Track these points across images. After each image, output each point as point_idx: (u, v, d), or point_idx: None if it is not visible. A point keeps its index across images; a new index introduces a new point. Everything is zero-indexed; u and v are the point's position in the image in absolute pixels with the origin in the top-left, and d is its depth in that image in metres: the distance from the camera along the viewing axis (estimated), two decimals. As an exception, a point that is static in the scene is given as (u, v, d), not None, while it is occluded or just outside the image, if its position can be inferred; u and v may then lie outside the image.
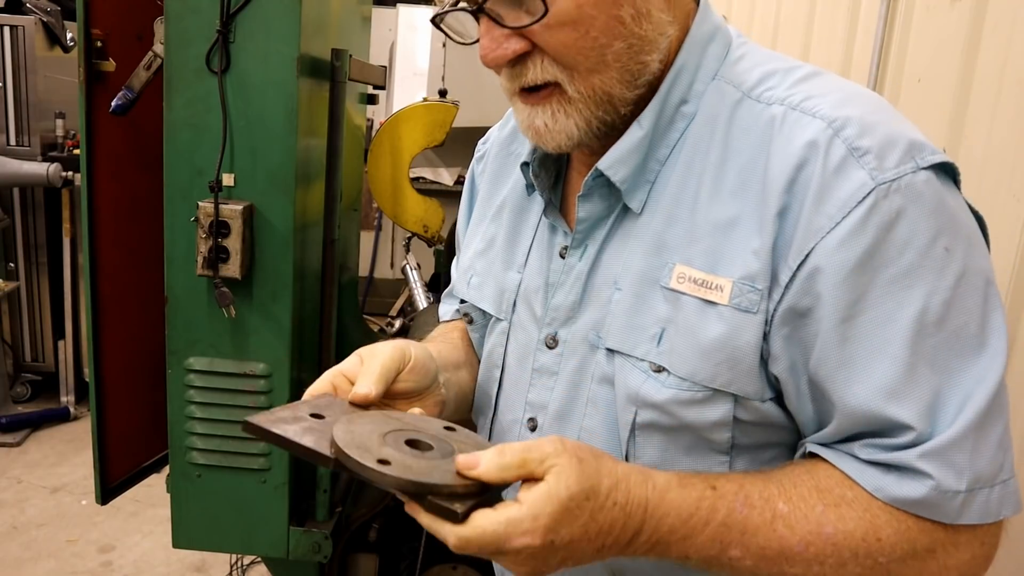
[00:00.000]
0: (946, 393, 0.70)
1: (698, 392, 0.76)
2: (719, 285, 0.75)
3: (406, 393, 0.87)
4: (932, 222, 0.70)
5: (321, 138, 1.74)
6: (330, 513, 1.86)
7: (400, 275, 2.96)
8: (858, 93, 0.77)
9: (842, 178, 0.70)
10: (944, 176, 0.73)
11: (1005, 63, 1.55)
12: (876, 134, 0.71)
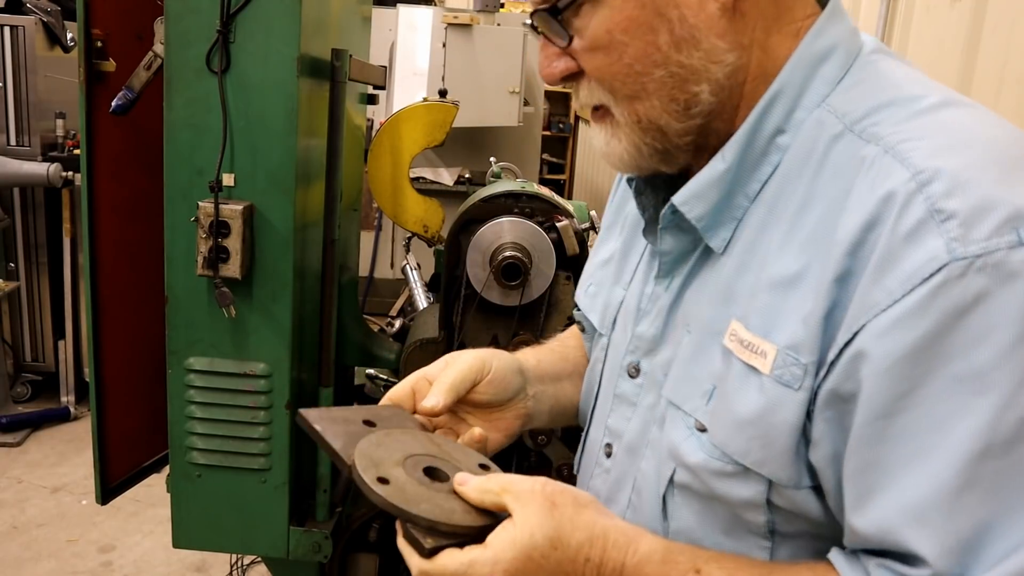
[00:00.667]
0: (996, 532, 0.57)
1: (728, 465, 0.69)
2: (764, 351, 0.66)
3: (484, 404, 0.87)
4: (1020, 313, 0.56)
5: (321, 138, 1.74)
6: (330, 513, 1.86)
7: (400, 275, 2.96)
8: (980, 138, 0.63)
9: (913, 246, 0.58)
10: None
11: (1005, 63, 1.55)
12: (970, 194, 0.58)
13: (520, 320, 1.74)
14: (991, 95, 1.58)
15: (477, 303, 1.73)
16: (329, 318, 1.79)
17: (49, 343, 4.03)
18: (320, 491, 1.84)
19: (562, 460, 1.80)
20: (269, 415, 1.70)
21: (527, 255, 1.68)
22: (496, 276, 1.68)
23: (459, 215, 1.76)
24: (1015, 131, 0.65)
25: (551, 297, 1.75)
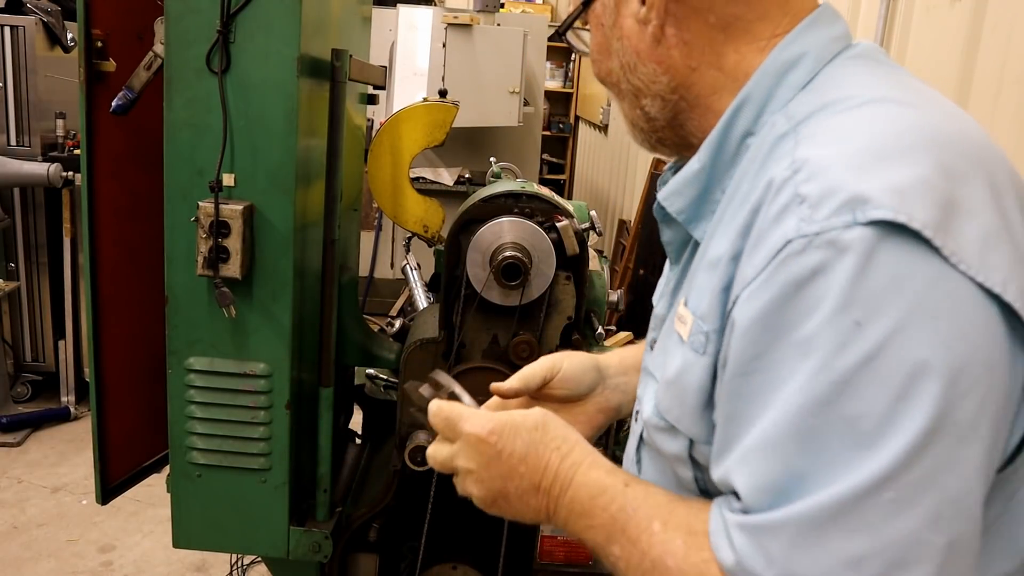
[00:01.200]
0: (807, 481, 0.61)
1: (660, 421, 0.80)
2: (686, 321, 0.76)
3: (562, 399, 1.04)
4: (848, 288, 0.60)
5: (321, 138, 1.74)
6: (330, 513, 1.86)
7: (400, 275, 2.96)
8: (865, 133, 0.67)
9: (776, 225, 0.65)
10: (904, 239, 0.60)
11: (1005, 63, 1.55)
12: (823, 180, 0.64)
13: (520, 320, 1.74)
14: (991, 95, 1.58)
15: (477, 303, 1.73)
16: (329, 318, 1.79)
17: (49, 343, 4.03)
18: (320, 491, 1.84)
19: (562, 460, 1.80)
20: (269, 415, 1.70)
21: (527, 255, 1.68)
22: (496, 276, 1.68)
23: (459, 215, 1.76)
24: (911, 130, 0.68)
25: (551, 297, 1.75)
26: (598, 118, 6.21)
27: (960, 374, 0.60)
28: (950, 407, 0.60)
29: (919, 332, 0.60)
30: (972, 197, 0.64)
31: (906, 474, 0.59)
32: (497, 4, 4.85)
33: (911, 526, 0.59)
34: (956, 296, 0.61)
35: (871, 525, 0.59)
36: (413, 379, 0.96)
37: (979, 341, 0.61)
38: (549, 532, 1.90)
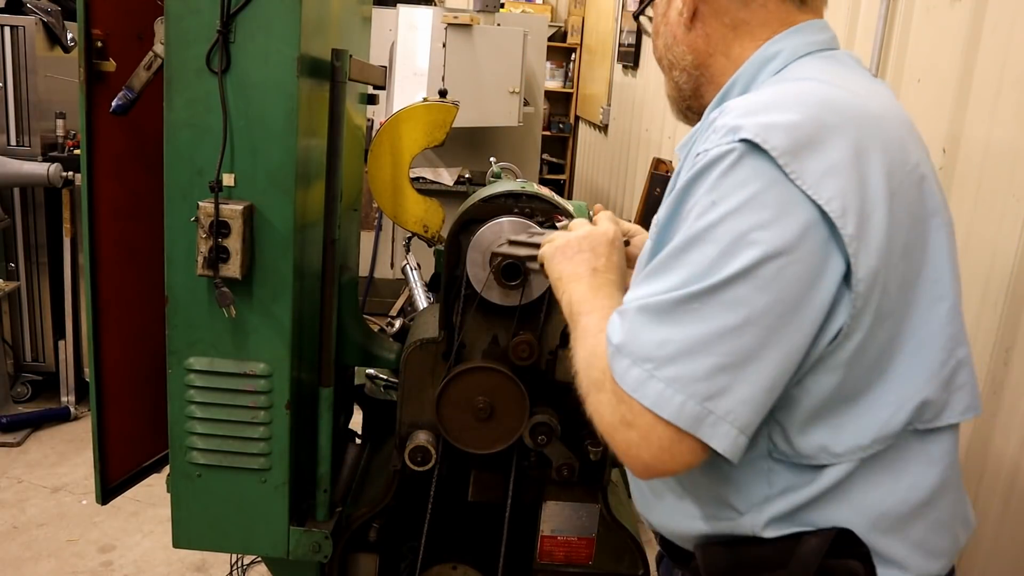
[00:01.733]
0: (652, 289, 0.90)
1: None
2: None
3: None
4: (715, 181, 0.89)
5: (321, 138, 1.74)
6: (330, 513, 1.86)
7: (400, 275, 2.96)
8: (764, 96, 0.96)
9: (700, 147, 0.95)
10: (760, 156, 0.87)
11: (1005, 63, 1.55)
12: (726, 118, 0.92)
13: (520, 320, 1.74)
14: (991, 95, 1.58)
15: (477, 303, 1.73)
16: (329, 318, 1.79)
17: (49, 343, 4.03)
18: (320, 491, 1.84)
19: (562, 460, 1.80)
20: (269, 415, 1.70)
21: (527, 255, 1.68)
22: (496, 276, 1.68)
23: (459, 215, 1.76)
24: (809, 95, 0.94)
25: (551, 297, 1.75)
26: (598, 118, 6.21)
27: (770, 248, 0.85)
28: (761, 268, 0.85)
29: (749, 215, 0.86)
30: (830, 143, 0.88)
31: (709, 298, 0.86)
32: (497, 4, 4.85)
33: (706, 331, 0.86)
34: (785, 199, 0.86)
35: (678, 323, 0.87)
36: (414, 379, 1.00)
37: (795, 231, 0.86)
38: (549, 532, 1.90)
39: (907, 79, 1.88)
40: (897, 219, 0.90)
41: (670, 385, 0.86)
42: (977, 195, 1.60)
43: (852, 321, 0.89)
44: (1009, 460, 1.50)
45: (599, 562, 1.93)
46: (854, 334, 0.90)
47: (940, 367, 0.95)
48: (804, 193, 0.86)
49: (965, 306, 1.62)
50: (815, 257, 0.86)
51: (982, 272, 1.56)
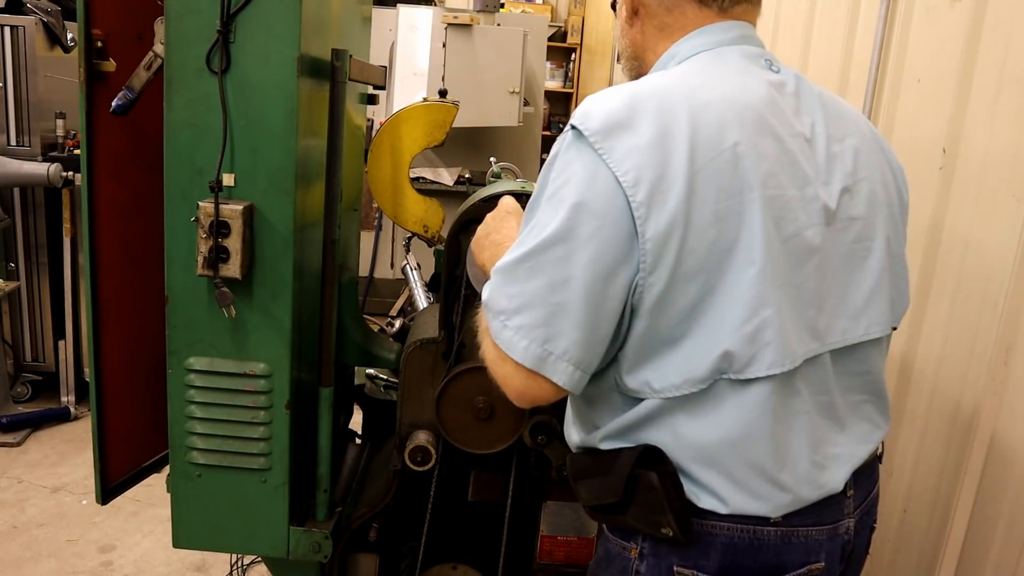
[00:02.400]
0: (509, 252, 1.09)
1: None
2: None
3: None
4: (556, 162, 1.10)
5: (321, 138, 1.74)
6: (330, 513, 1.86)
7: (400, 275, 2.95)
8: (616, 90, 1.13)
9: None
10: (582, 139, 1.07)
11: (1005, 63, 1.54)
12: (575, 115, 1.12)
13: (520, 320, 1.74)
14: (991, 95, 1.58)
15: (477, 303, 1.73)
16: (329, 318, 1.79)
17: (49, 343, 4.03)
18: (320, 491, 1.84)
19: (562, 460, 1.80)
20: (269, 415, 1.70)
21: (527, 255, 1.68)
22: (496, 276, 1.68)
23: (459, 215, 1.76)
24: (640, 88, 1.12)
25: (551, 297, 1.75)
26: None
27: (580, 214, 1.04)
28: (575, 229, 1.04)
29: (575, 187, 1.05)
30: (638, 127, 1.05)
31: (540, 256, 1.05)
32: (497, 4, 4.84)
33: (539, 285, 1.05)
34: (596, 172, 1.05)
35: (520, 280, 1.06)
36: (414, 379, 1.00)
37: (603, 198, 1.04)
38: (549, 532, 1.90)
39: (907, 79, 1.88)
40: (701, 192, 1.05)
41: (517, 332, 1.06)
42: (977, 195, 1.60)
43: (646, 275, 1.05)
44: (1009, 460, 1.50)
45: (599, 562, 1.93)
46: (652, 287, 1.06)
47: (742, 323, 1.07)
48: (607, 166, 1.04)
49: (964, 306, 1.61)
50: (616, 220, 1.04)
51: (982, 272, 1.56)
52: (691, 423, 1.12)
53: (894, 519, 1.80)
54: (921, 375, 1.74)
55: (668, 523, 1.13)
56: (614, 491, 1.16)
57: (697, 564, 1.15)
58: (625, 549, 1.20)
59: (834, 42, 2.23)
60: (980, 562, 1.56)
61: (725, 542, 1.14)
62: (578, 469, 1.25)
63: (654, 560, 1.17)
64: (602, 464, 1.19)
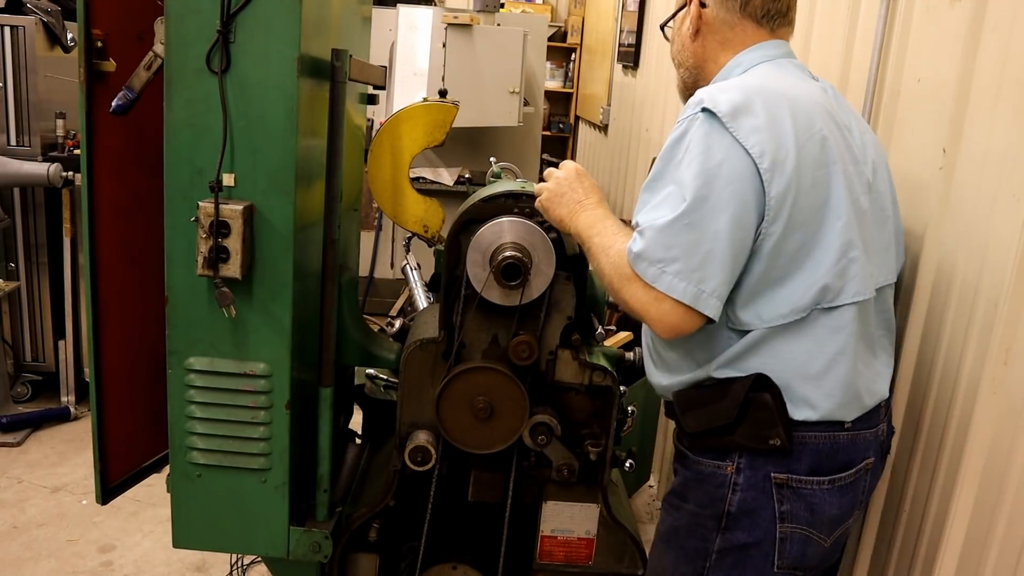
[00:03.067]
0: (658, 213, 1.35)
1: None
2: None
3: None
4: (692, 136, 1.35)
5: (321, 138, 1.74)
6: (330, 513, 1.86)
7: (400, 275, 2.95)
8: (731, 83, 1.45)
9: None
10: (713, 118, 1.34)
11: (1005, 63, 1.54)
12: (694, 99, 1.40)
13: (520, 320, 1.74)
14: (991, 95, 1.58)
15: (477, 303, 1.73)
16: (329, 318, 1.79)
17: (49, 343, 4.03)
18: (320, 491, 1.84)
19: (562, 460, 1.80)
20: (269, 415, 1.70)
21: (527, 255, 1.68)
22: (496, 276, 1.68)
23: (459, 215, 1.76)
24: (748, 85, 1.42)
25: (551, 297, 1.75)
26: (598, 118, 6.21)
27: (719, 179, 1.31)
28: (718, 191, 1.31)
29: (712, 156, 1.32)
30: (755, 112, 1.34)
31: (692, 215, 1.31)
32: (497, 4, 4.84)
33: (692, 238, 1.31)
34: (728, 145, 1.33)
35: (675, 234, 1.32)
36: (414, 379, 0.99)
37: (738, 166, 1.32)
38: (549, 532, 1.90)
39: (907, 79, 1.88)
40: (803, 163, 1.35)
41: (676, 276, 1.31)
42: (977, 195, 1.60)
43: (768, 226, 1.35)
44: (1009, 460, 1.50)
45: (599, 562, 1.93)
46: (771, 235, 1.35)
47: (835, 263, 1.39)
48: (738, 141, 1.32)
49: (963, 305, 1.61)
50: (749, 181, 1.33)
51: (982, 272, 1.56)
52: (791, 346, 1.41)
53: (894, 519, 1.80)
54: (921, 375, 1.75)
55: (778, 435, 1.42)
56: (727, 414, 1.43)
57: (790, 468, 1.43)
58: (720, 467, 1.47)
59: (834, 42, 2.23)
60: (980, 562, 1.56)
61: (812, 447, 1.44)
62: (687, 401, 1.50)
63: (751, 472, 1.44)
64: (715, 393, 1.46)
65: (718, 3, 1.54)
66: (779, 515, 1.45)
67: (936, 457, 1.68)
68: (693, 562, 1.51)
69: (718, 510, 1.47)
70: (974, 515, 1.58)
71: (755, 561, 1.47)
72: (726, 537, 1.47)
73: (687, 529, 1.52)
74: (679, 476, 1.56)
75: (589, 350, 1.81)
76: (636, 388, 2.24)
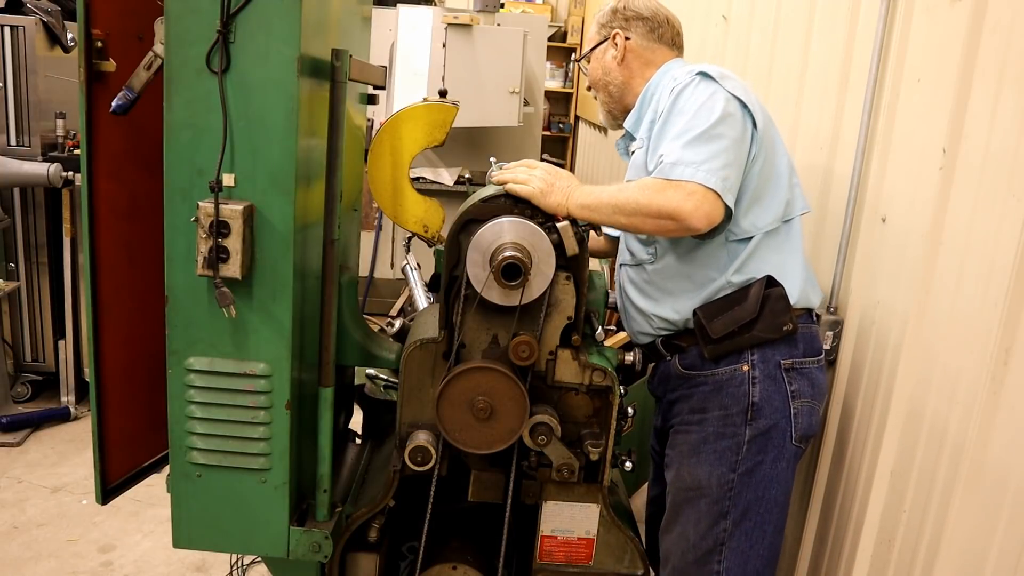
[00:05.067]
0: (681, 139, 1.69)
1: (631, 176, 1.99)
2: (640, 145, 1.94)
3: None
4: (691, 91, 1.76)
5: (321, 138, 1.74)
6: (330, 513, 1.86)
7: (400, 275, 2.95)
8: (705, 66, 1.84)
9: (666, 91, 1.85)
10: (708, 79, 1.77)
11: (1005, 63, 1.54)
12: (685, 71, 1.84)
13: (520, 320, 1.74)
14: (991, 95, 1.58)
15: (477, 303, 1.73)
16: (329, 318, 1.79)
17: (49, 343, 4.03)
18: (320, 491, 1.84)
19: (562, 460, 1.80)
20: (269, 415, 1.70)
21: (527, 255, 1.68)
22: (496, 276, 1.68)
23: (459, 215, 1.76)
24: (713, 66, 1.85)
25: (551, 297, 1.75)
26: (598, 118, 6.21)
27: (728, 118, 1.71)
28: (730, 114, 1.72)
29: (715, 98, 1.73)
30: (728, 76, 1.80)
31: (712, 131, 1.68)
32: (497, 4, 4.85)
33: (716, 148, 1.67)
34: (723, 96, 1.73)
35: (702, 145, 1.67)
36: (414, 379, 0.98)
37: (734, 104, 1.74)
38: (549, 532, 1.90)
39: (907, 79, 1.88)
40: (764, 112, 1.81)
41: (709, 172, 1.64)
42: (977, 195, 1.60)
43: (756, 150, 1.77)
44: (1009, 461, 1.50)
45: (599, 562, 1.93)
46: (756, 159, 1.77)
47: (789, 185, 1.85)
48: (731, 95, 1.74)
49: (964, 306, 1.61)
50: (743, 114, 1.75)
51: (982, 272, 1.56)
52: (772, 251, 1.82)
53: (894, 519, 1.80)
54: (921, 375, 1.75)
55: (790, 320, 1.79)
56: (750, 311, 1.77)
57: (792, 354, 1.82)
58: (736, 369, 1.81)
59: (834, 42, 2.23)
60: (980, 562, 1.56)
61: (803, 333, 1.84)
62: (711, 312, 1.81)
63: (763, 365, 1.80)
64: (734, 299, 1.80)
65: (640, 35, 2.04)
66: (791, 394, 1.80)
67: (936, 457, 1.68)
68: (727, 459, 1.80)
69: (743, 405, 1.79)
70: (974, 516, 1.58)
71: (775, 440, 1.80)
72: (753, 426, 1.79)
73: (716, 434, 1.82)
74: (691, 396, 1.87)
75: (589, 350, 1.81)
76: (636, 388, 2.24)
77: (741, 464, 1.80)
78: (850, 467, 1.99)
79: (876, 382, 1.91)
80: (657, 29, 2.04)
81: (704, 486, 1.83)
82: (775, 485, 1.83)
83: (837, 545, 2.04)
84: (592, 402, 1.81)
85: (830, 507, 2.06)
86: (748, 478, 1.81)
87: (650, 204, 1.64)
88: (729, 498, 1.82)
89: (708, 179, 1.62)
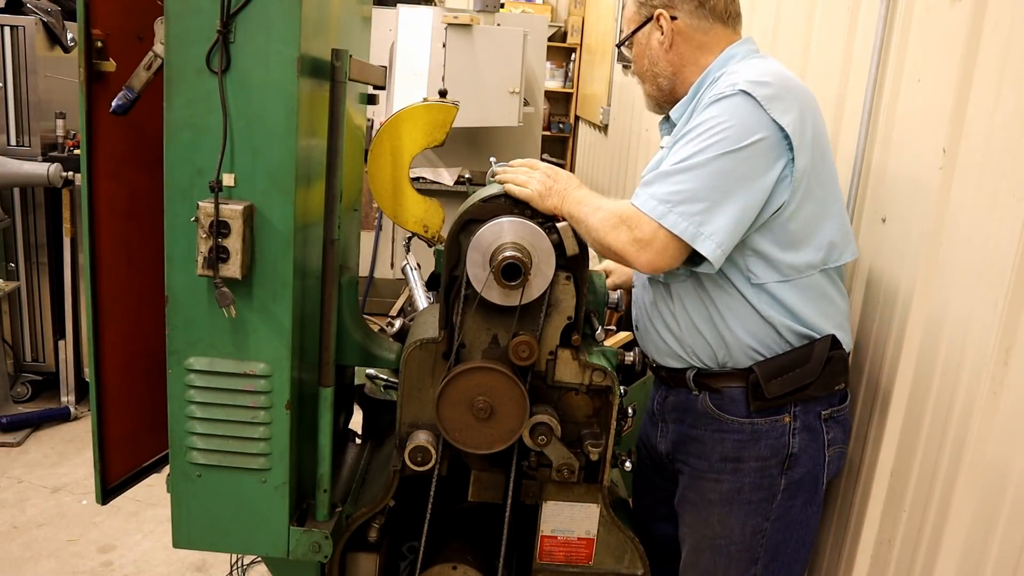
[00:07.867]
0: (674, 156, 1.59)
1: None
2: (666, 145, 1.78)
3: None
4: (723, 108, 1.57)
5: (321, 138, 1.74)
6: (330, 513, 1.86)
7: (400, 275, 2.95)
8: (756, 67, 1.65)
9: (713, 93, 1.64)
10: (749, 98, 1.55)
11: (1005, 63, 1.54)
12: (730, 80, 1.61)
13: (520, 320, 1.74)
14: (991, 95, 1.58)
15: (477, 303, 1.73)
16: (329, 318, 1.79)
17: (49, 343, 4.03)
18: (320, 491, 1.84)
19: (562, 460, 1.80)
20: (269, 415, 1.70)
21: (527, 255, 1.68)
22: (496, 276, 1.68)
23: (459, 215, 1.76)
24: (770, 71, 1.63)
25: (551, 297, 1.75)
26: (598, 118, 6.21)
27: (753, 144, 1.54)
28: (736, 151, 1.54)
29: (745, 127, 1.54)
30: (786, 100, 1.57)
31: (705, 166, 1.54)
32: (497, 4, 4.85)
33: (699, 186, 1.53)
34: (763, 120, 1.55)
35: (679, 181, 1.54)
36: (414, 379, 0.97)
37: (768, 137, 1.55)
38: (549, 532, 1.90)
39: (907, 79, 1.88)
40: (818, 145, 1.62)
41: (680, 216, 1.52)
42: (977, 195, 1.60)
43: (790, 196, 1.60)
44: (1009, 461, 1.50)
45: (599, 562, 1.93)
46: (790, 203, 1.60)
47: (841, 226, 1.72)
48: (772, 119, 1.54)
49: (964, 306, 1.61)
50: (771, 153, 1.56)
51: (982, 272, 1.56)
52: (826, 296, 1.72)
53: (894, 519, 1.80)
54: (921, 376, 1.75)
55: (844, 380, 1.75)
56: (812, 373, 1.68)
57: (830, 403, 1.76)
58: (777, 421, 1.72)
59: (834, 42, 2.23)
60: (980, 562, 1.56)
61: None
62: (769, 372, 1.68)
63: (805, 416, 1.72)
64: (799, 356, 1.69)
65: (689, 12, 1.72)
66: (827, 442, 1.76)
67: (936, 457, 1.68)
68: (762, 510, 1.75)
69: (781, 456, 1.72)
70: (974, 515, 1.58)
71: (807, 486, 1.76)
72: (788, 475, 1.73)
73: (752, 485, 1.74)
74: (722, 441, 1.75)
75: (589, 350, 1.81)
76: (636, 388, 2.24)
77: (774, 512, 1.75)
78: (850, 467, 1.99)
79: (876, 382, 1.91)
80: (708, 2, 1.72)
81: (736, 535, 1.78)
82: (804, 526, 1.80)
83: (837, 545, 2.04)
84: (592, 402, 1.81)
85: (830, 507, 2.06)
86: (779, 523, 1.77)
87: (604, 238, 1.57)
88: (761, 544, 1.78)
89: (676, 226, 1.50)
